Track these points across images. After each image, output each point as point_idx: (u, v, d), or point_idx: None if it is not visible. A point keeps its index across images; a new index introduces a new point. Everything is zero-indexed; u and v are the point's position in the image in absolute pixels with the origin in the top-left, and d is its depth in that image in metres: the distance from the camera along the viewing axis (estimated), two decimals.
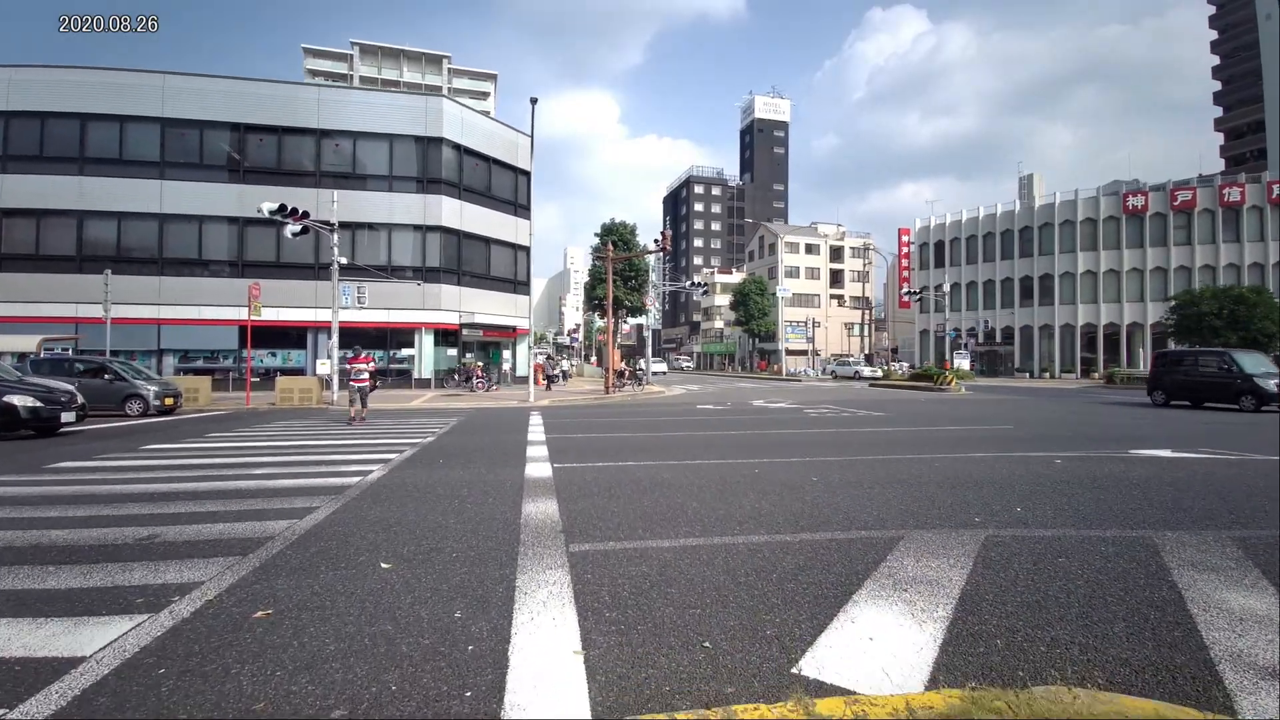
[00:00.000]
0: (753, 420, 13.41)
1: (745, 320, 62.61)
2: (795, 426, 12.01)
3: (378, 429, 11.73)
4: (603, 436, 10.45)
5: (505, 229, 30.17)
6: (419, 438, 10.17)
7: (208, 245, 25.63)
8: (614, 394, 23.26)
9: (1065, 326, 43.86)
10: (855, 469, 6.99)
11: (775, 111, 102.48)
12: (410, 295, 26.48)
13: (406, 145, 26.78)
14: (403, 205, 26.58)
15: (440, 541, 4.10)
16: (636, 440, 9.91)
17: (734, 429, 11.60)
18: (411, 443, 9.59)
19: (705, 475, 6.59)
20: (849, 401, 19.53)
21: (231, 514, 4.85)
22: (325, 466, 7.27)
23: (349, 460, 7.76)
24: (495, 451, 8.71)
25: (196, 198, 25.24)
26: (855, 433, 10.87)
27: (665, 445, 9.29)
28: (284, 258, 25.70)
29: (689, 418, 14.17)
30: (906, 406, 17.59)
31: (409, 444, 9.45)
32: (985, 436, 10.29)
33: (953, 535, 4.20)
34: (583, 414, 15.57)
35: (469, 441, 9.81)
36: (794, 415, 14.60)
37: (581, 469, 7.07)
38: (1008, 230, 46.84)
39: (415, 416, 14.73)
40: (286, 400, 18.40)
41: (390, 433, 11.04)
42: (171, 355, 25.47)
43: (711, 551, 3.89)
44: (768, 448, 8.91)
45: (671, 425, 12.36)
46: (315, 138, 26.05)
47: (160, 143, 25.73)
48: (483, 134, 29.18)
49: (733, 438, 10.17)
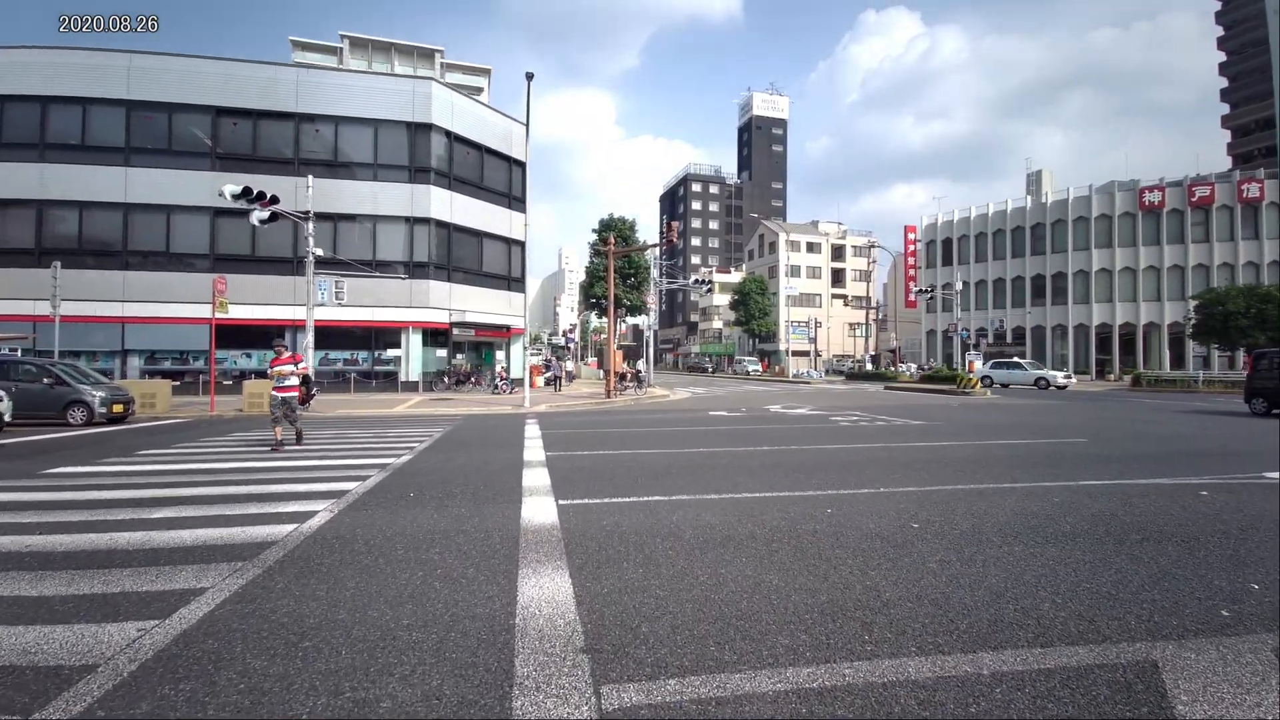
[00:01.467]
0: (781, 432, 11.73)
1: (746, 320, 61.08)
2: (834, 439, 10.34)
3: (349, 441, 9.98)
4: (614, 455, 8.73)
5: (499, 222, 28.41)
6: (392, 456, 8.43)
7: (177, 237, 23.76)
8: (616, 398, 21.56)
9: (1079, 327, 42.46)
10: (952, 507, 5.31)
11: (774, 109, 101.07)
12: (397, 292, 24.68)
13: (393, 131, 24.98)
14: (389, 195, 24.79)
15: (377, 687, 2.37)
16: (656, 460, 8.20)
17: (764, 442, 9.91)
18: (381, 463, 7.85)
19: (764, 519, 4.89)
20: (874, 407, 17.90)
21: (63, 608, 3.12)
22: (257, 504, 5.53)
23: (293, 494, 6.02)
24: (483, 478, 6.99)
25: (165, 186, 23.36)
26: (909, 449, 9.20)
27: (693, 467, 7.59)
28: (260, 251, 23.86)
29: (707, 428, 12.48)
30: (940, 412, 15.97)
31: (377, 465, 7.72)
32: (1069, 455, 8.64)
33: (1235, 651, 2.51)
34: (585, 423, 13.85)
35: (452, 462, 8.08)
36: (824, 425, 12.94)
37: (597, 509, 5.36)
38: (1019, 227, 45.42)
39: (395, 426, 12.97)
40: (255, 406, 16.59)
41: (360, 449, 9.29)
42: (137, 356, 23.59)
43: (849, 699, 2.20)
44: (817, 470, 7.23)
45: (690, 438, 10.67)
46: (294, 123, 24.22)
47: (126, 127, 23.86)
48: (475, 121, 27.42)
49: (769, 456, 8.48)
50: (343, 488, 6.33)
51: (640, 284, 39.41)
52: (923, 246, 51.56)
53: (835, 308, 68.80)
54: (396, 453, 8.77)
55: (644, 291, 39.16)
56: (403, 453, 8.75)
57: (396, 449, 9.18)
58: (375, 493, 6.12)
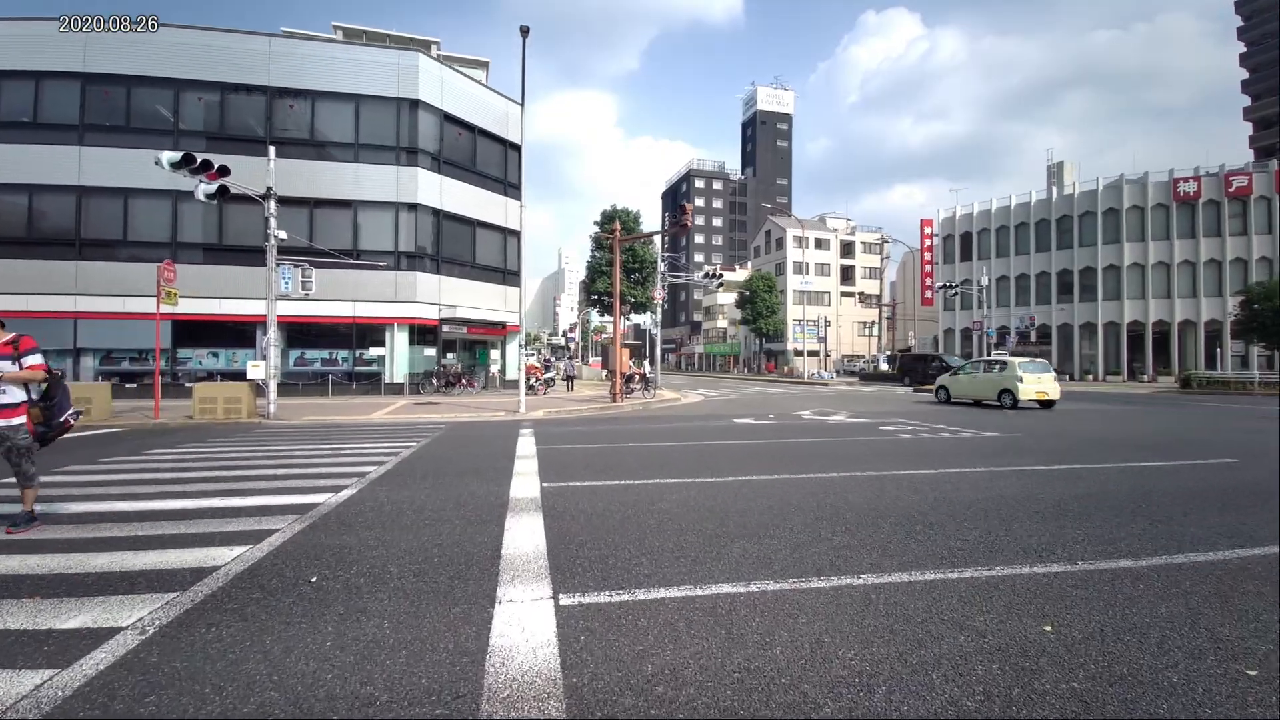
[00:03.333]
0: (840, 449, 9.43)
1: (753, 319, 58.79)
2: (919, 460, 8.03)
3: (293, 459, 7.68)
4: (634, 488, 6.43)
5: (493, 210, 26.12)
6: (338, 480, 6.13)
7: (135, 224, 21.48)
8: (623, 402, 19.26)
9: (1109, 325, 40.17)
10: (1143, 586, 3.02)
11: (778, 103, 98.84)
12: (381, 285, 22.39)
13: (376, 108, 22.70)
14: (372, 178, 22.50)
15: None
16: (697, 497, 5.90)
17: (830, 465, 7.61)
18: (309, 503, 5.55)
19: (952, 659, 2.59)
20: (919, 414, 15.61)
21: None
22: (82, 592, 3.22)
23: (141, 568, 3.70)
24: (450, 531, 4.68)
25: (122, 167, 21.07)
26: (1030, 478, 6.90)
27: (759, 511, 5.29)
28: (229, 239, 21.59)
29: (743, 442, 10.18)
30: (1000, 421, 13.67)
31: (311, 501, 5.42)
32: (1242, 486, 6.34)
33: None
34: (590, 434, 11.55)
35: (409, 500, 5.77)
36: (884, 438, 10.64)
37: (629, 613, 3.05)
38: (1043, 220, 43.12)
39: (360, 437, 10.66)
40: (208, 413, 14.30)
41: (300, 470, 6.98)
42: (91, 355, 21.30)
43: None
44: (949, 522, 4.93)
45: (729, 458, 8.37)
46: (267, 97, 21.93)
47: (80, 102, 21.60)
48: (468, 99, 25.14)
49: (856, 490, 6.19)
50: (224, 557, 3.97)
51: (645, 279, 37.14)
52: (939, 241, 49.25)
53: (844, 306, 66.48)
54: (346, 478, 6.46)
55: (649, 287, 36.87)
56: (348, 481, 6.44)
57: (349, 472, 6.88)
58: (279, 560, 3.78)
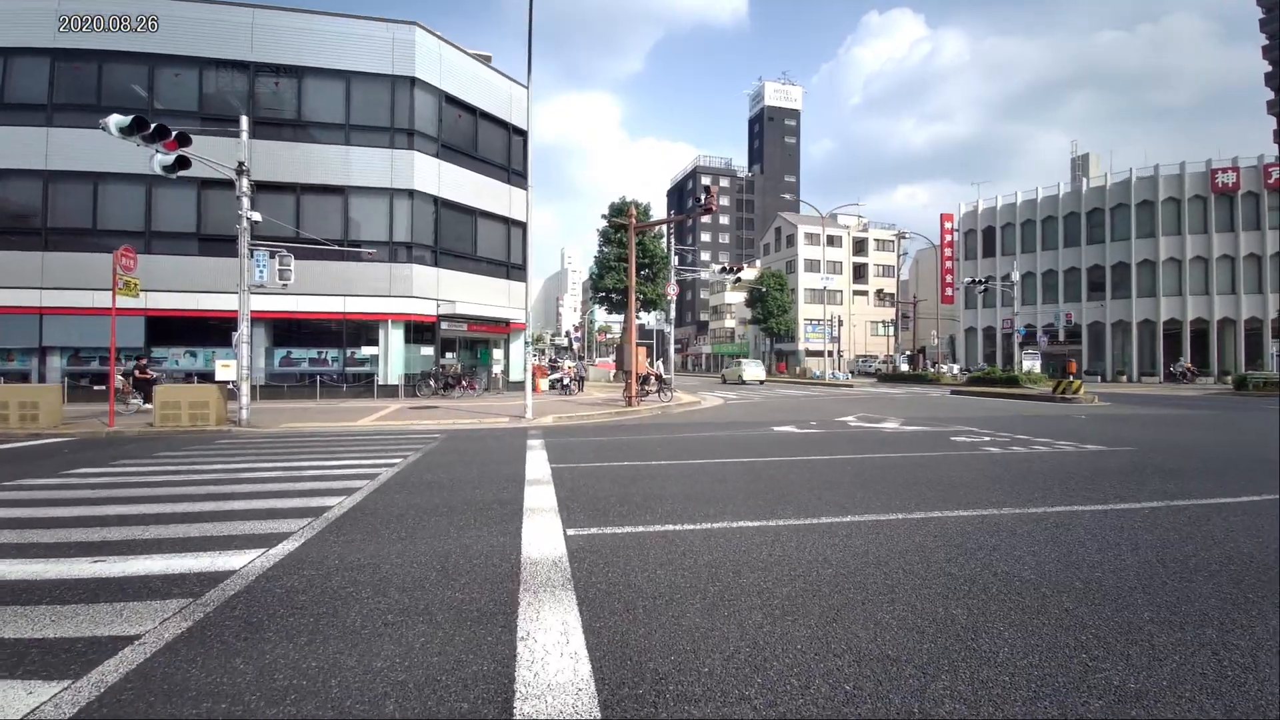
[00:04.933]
0: (924, 470, 7.59)
1: (763, 318, 56.88)
2: (1042, 489, 6.18)
3: (238, 486, 5.85)
4: (698, 537, 4.60)
5: (496, 199, 24.33)
6: (280, 524, 4.31)
7: (106, 212, 19.74)
8: (639, 406, 17.43)
9: (1144, 323, 38.16)
10: None
11: (786, 99, 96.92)
12: (374, 278, 20.63)
13: (368, 86, 20.92)
14: (364, 162, 20.72)
15: None
16: (793, 558, 4.06)
17: (939, 497, 5.76)
18: (217, 571, 3.70)
19: None
20: (979, 420, 13.77)
21: None
22: None
23: None
24: (427, 643, 2.81)
25: (92, 151, 19.27)
26: (1208, 517, 5.04)
27: (862, 566, 3.44)
28: (208, 228, 19.83)
29: (799, 458, 8.34)
30: (1086, 429, 11.81)
31: (221, 566, 3.58)
32: None
33: None
34: (611, 446, 9.72)
35: (370, 566, 3.92)
36: (965, 451, 8.79)
37: None
38: (1072, 213, 41.12)
39: (343, 449, 8.85)
40: (170, 419, 12.53)
41: (239, 506, 5.15)
42: (58, 354, 19.55)
43: None
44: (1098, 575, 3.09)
45: (797, 484, 6.54)
46: (248, 74, 20.17)
47: (50, 80, 19.88)
48: (468, 79, 23.35)
49: (1009, 541, 4.35)
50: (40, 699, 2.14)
51: (655, 275, 35.32)
52: (960, 237, 47.28)
53: (857, 305, 64.57)
54: (268, 534, 4.62)
55: (660, 283, 35.05)
56: (286, 531, 4.61)
57: (283, 517, 5.05)
58: None
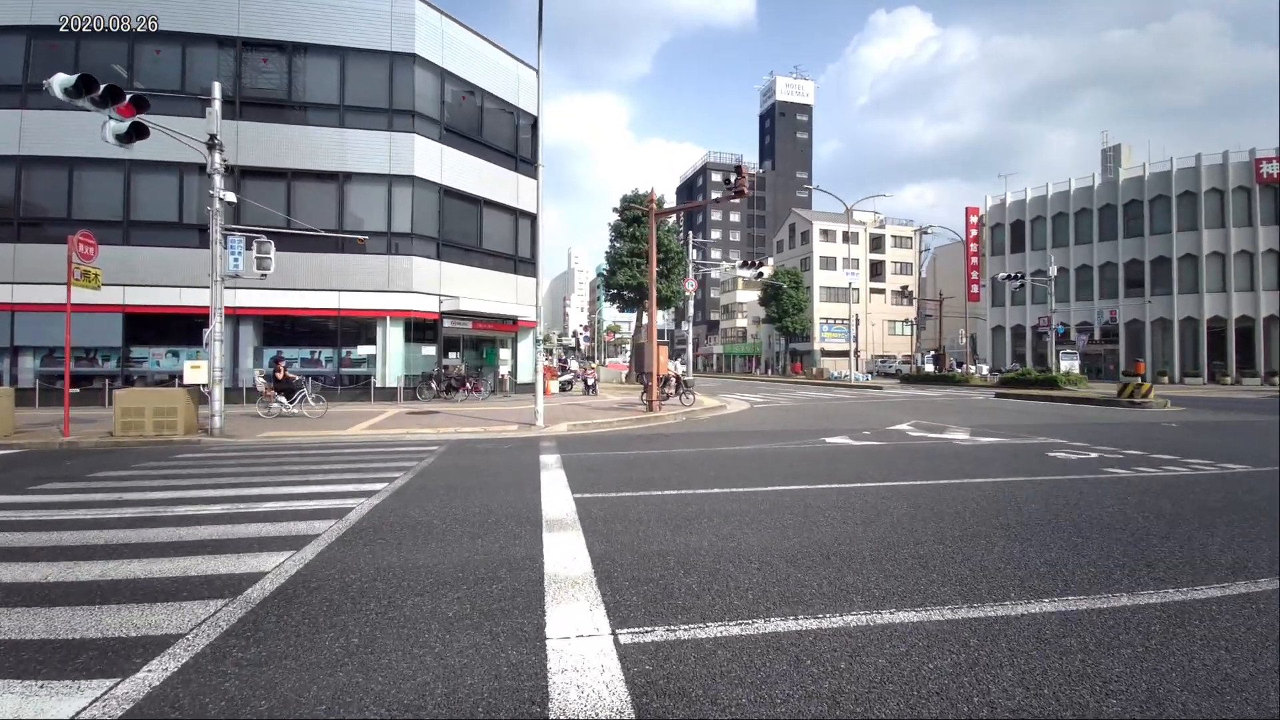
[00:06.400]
0: (1046, 502, 5.88)
1: (778, 317, 55.06)
2: (1208, 525, 4.46)
3: (172, 530, 4.20)
4: (820, 642, 2.93)
5: (503, 188, 22.70)
6: (177, 620, 2.65)
7: (82, 199, 18.27)
8: (661, 411, 15.75)
9: (1186, 320, 36.12)
10: None
11: (798, 93, 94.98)
12: (372, 271, 19.06)
13: (364, 63, 19.35)
14: (361, 146, 19.15)
15: None
16: (964, 665, 2.35)
17: (1090, 534, 4.07)
18: None
19: None
20: (1059, 429, 12.01)
21: None
22: None
23: None
24: None
25: (68, 134, 17.85)
26: None
27: None
28: (190, 217, 18.30)
29: (881, 483, 6.65)
30: (1193, 440, 10.03)
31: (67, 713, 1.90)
32: None
33: None
34: (643, 464, 8.04)
35: (306, 703, 2.25)
36: (1090, 474, 7.06)
37: None
38: (1108, 205, 39.08)
39: (322, 466, 7.22)
40: (133, 428, 10.96)
41: (149, 573, 3.50)
42: (31, 354, 18.09)
43: None
44: None
45: (889, 510, 4.85)
46: (235, 50, 18.64)
47: (25, 59, 18.47)
48: (473, 57, 21.75)
49: (1233, 627, 2.64)
50: None
51: (670, 271, 33.62)
52: (987, 231, 45.30)
53: (874, 303, 62.61)
54: (154, 642, 2.97)
55: (674, 280, 33.38)
56: (165, 641, 2.96)
57: (196, 592, 3.39)
58: None
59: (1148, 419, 14.20)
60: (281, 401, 14.00)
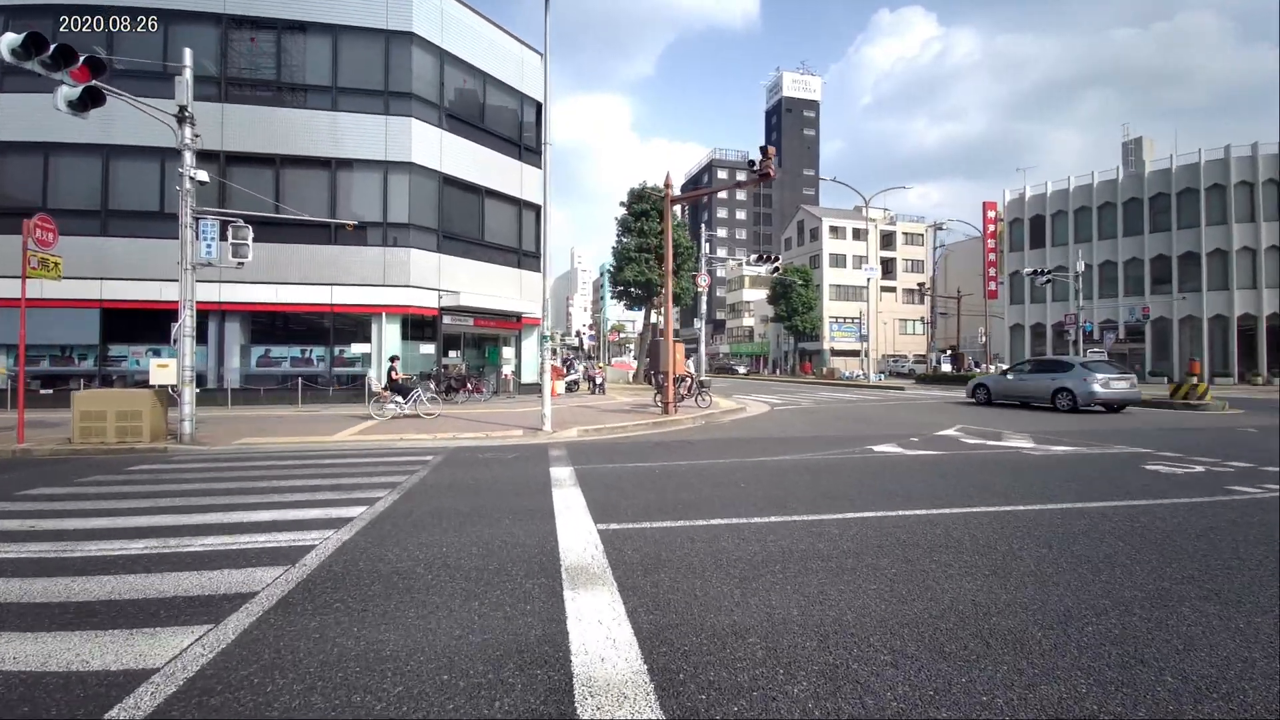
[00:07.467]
0: (1197, 540, 4.65)
1: (787, 316, 53.82)
2: None
3: (37, 595, 3.02)
4: None
5: (506, 178, 21.50)
6: None
7: (57, 188, 17.12)
8: (678, 415, 14.50)
9: (1215, 318, 34.72)
10: None
11: (805, 89, 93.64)
12: (366, 264, 17.89)
13: (358, 42, 18.16)
14: (354, 131, 17.97)
15: None
16: None
17: None
18: None
19: None
20: (1124, 436, 10.75)
21: None
22: None
23: None
24: None
25: (42, 118, 16.65)
26: None
27: None
28: (170, 206, 17.06)
29: (970, 509, 5.44)
30: (1274, 447, 8.77)
31: None
32: None
33: None
34: (672, 480, 6.81)
35: None
36: (1221, 496, 5.82)
37: None
38: (1133, 199, 37.67)
39: (299, 482, 6.02)
40: (93, 433, 9.79)
41: None
42: (4, 353, 16.94)
43: None
44: None
45: (1018, 554, 3.62)
46: (220, 28, 17.47)
47: None
48: (474, 38, 20.56)
49: None
50: None
51: (679, 268, 32.38)
52: (1006, 226, 43.92)
53: (885, 301, 61.25)
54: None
55: (684, 276, 32.15)
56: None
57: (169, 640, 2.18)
58: None
59: (1218, 423, 12.90)
60: (398, 401, 13.61)
